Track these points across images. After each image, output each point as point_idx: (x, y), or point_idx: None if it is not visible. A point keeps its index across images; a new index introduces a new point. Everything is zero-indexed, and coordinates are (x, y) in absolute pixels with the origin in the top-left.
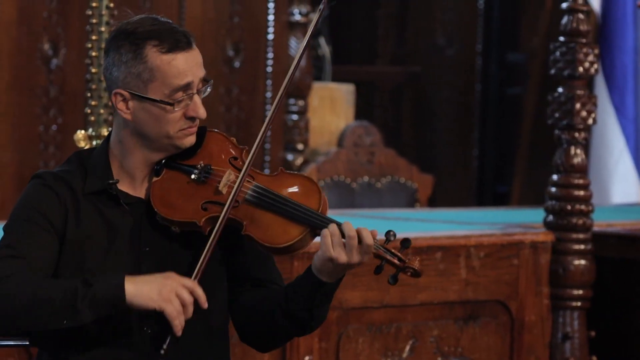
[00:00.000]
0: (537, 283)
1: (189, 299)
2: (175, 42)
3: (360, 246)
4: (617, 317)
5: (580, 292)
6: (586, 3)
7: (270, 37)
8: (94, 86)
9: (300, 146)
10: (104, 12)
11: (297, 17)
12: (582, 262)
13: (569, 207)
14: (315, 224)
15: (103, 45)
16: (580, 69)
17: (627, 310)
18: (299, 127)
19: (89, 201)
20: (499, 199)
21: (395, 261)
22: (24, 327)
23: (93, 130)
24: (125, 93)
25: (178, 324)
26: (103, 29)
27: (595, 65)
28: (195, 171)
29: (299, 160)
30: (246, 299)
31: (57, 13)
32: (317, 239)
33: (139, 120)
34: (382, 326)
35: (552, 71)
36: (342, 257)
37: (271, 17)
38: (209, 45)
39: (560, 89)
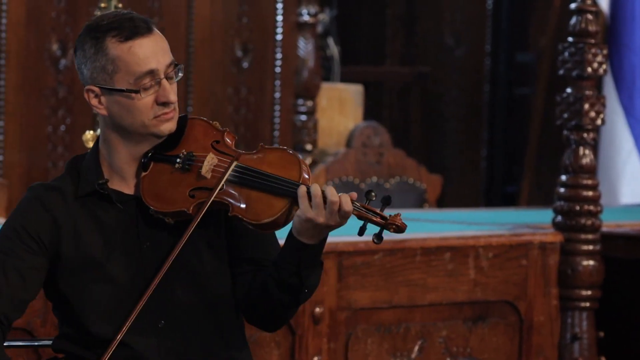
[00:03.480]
0: (546, 284)
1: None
2: (134, 28)
3: (339, 212)
4: (625, 317)
5: (589, 292)
6: (595, 3)
7: (279, 37)
8: None
9: (308, 147)
10: None
11: (306, 18)
12: (591, 262)
13: (577, 208)
14: (296, 193)
15: None
16: (589, 69)
17: (636, 310)
18: (308, 128)
19: (82, 205)
20: (508, 200)
21: (378, 219)
22: None
23: None
24: (95, 89)
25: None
26: None
27: (604, 66)
28: (178, 160)
29: (308, 161)
30: (244, 279)
31: (66, 13)
32: None
33: (114, 113)
34: (391, 326)
35: (561, 71)
36: (320, 218)
37: (279, 18)
38: (217, 45)
39: (568, 90)
